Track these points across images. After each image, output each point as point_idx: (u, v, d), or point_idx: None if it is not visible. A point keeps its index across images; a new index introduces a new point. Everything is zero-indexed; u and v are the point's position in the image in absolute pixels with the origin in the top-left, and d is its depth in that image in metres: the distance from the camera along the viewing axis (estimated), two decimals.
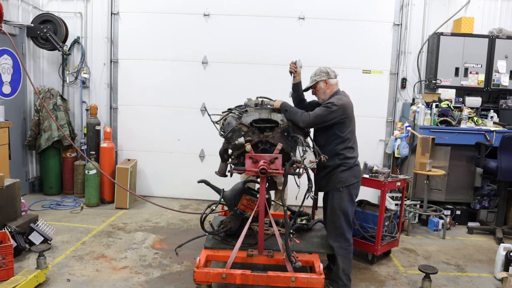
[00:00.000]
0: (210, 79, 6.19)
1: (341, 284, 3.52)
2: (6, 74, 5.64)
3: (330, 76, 3.58)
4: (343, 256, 3.52)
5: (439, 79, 5.84)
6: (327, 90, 3.58)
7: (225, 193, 3.89)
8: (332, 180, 3.51)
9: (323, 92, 3.60)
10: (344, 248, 3.53)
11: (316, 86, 3.63)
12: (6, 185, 4.21)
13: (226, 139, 3.56)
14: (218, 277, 3.29)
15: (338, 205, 3.50)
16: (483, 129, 5.42)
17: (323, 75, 3.59)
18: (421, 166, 5.14)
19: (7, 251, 3.55)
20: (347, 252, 3.54)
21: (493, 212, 5.61)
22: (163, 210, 5.49)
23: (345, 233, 3.52)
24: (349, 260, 3.55)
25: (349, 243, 3.55)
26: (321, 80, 3.58)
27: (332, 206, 3.54)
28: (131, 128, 6.39)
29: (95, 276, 3.80)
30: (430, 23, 6.12)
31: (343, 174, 3.47)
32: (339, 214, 3.50)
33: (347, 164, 3.47)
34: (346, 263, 3.52)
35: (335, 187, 3.50)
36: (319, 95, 3.65)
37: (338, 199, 3.50)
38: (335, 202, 3.52)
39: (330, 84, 3.58)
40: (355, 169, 3.53)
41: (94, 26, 6.27)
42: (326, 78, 3.57)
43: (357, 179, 3.55)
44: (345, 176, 3.47)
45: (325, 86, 3.58)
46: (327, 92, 3.59)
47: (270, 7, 6.07)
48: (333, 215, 3.54)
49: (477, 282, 4.04)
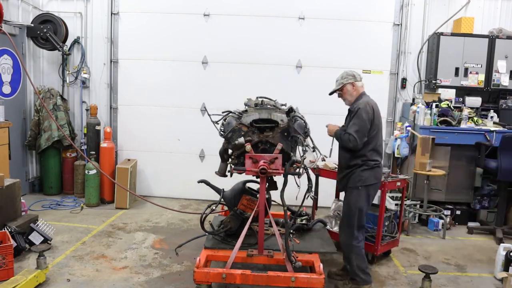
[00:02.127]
0: (210, 79, 6.19)
1: (359, 280, 3.59)
2: (6, 74, 5.64)
3: (356, 79, 3.62)
4: (356, 253, 3.59)
5: (439, 79, 5.84)
6: (354, 92, 3.62)
7: (225, 193, 3.89)
8: (352, 178, 3.56)
9: (349, 94, 3.63)
10: (355, 246, 3.59)
11: (343, 89, 3.65)
12: (6, 185, 4.21)
13: (226, 139, 3.56)
14: (218, 277, 3.29)
15: (354, 203, 3.55)
16: (483, 129, 5.42)
17: (350, 78, 3.62)
18: (421, 166, 5.14)
19: (7, 251, 3.55)
20: (359, 249, 3.60)
21: (493, 212, 5.61)
22: (163, 210, 5.48)
23: (355, 231, 3.57)
24: (362, 256, 3.61)
25: (359, 240, 3.61)
26: (348, 83, 3.61)
27: (349, 203, 3.60)
28: (131, 128, 6.39)
29: (95, 276, 3.80)
30: (430, 23, 6.12)
31: (364, 173, 3.51)
32: (354, 211, 3.55)
33: (369, 164, 3.51)
34: (359, 259, 3.58)
35: (354, 185, 3.55)
36: (346, 97, 3.67)
37: (356, 196, 3.55)
38: (353, 200, 3.57)
39: (357, 87, 3.62)
40: (376, 170, 3.56)
41: (94, 26, 6.27)
42: (353, 81, 3.61)
43: (377, 180, 3.59)
44: (366, 176, 3.51)
45: (352, 88, 3.62)
46: (354, 95, 3.63)
47: (270, 7, 6.07)
48: (349, 212, 3.60)
49: (477, 282, 4.04)
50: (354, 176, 3.55)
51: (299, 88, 6.00)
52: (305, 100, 5.75)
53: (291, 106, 3.69)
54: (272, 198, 3.97)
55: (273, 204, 4.01)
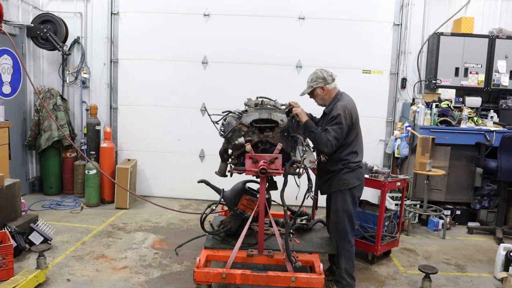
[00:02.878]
0: (210, 79, 6.19)
1: (345, 283, 3.54)
2: (6, 74, 5.64)
3: (327, 82, 3.51)
4: (346, 257, 3.55)
5: (439, 79, 5.84)
6: (325, 96, 3.56)
7: (225, 193, 3.89)
8: (335, 182, 3.51)
9: (320, 98, 3.59)
10: (347, 250, 3.55)
11: (314, 92, 3.59)
12: (6, 185, 4.21)
13: (226, 139, 3.56)
14: (218, 277, 3.29)
15: (341, 207, 3.51)
16: (483, 129, 5.42)
17: (319, 81, 3.52)
18: (421, 166, 5.14)
19: (7, 251, 3.55)
20: (350, 253, 3.56)
21: (493, 212, 5.61)
22: (163, 210, 5.49)
23: (348, 235, 3.54)
24: (352, 261, 3.57)
25: (351, 245, 3.57)
26: (317, 87, 3.54)
27: (336, 209, 3.54)
28: (131, 128, 6.39)
29: (95, 276, 3.80)
30: (430, 23, 6.11)
31: (346, 176, 3.47)
32: (343, 216, 3.51)
33: (350, 167, 3.47)
34: (349, 263, 3.55)
35: (338, 189, 3.50)
36: (317, 100, 3.63)
37: (342, 201, 3.50)
38: (339, 205, 3.52)
39: (328, 90, 3.53)
40: (357, 172, 3.52)
41: (94, 26, 6.27)
42: (323, 84, 3.51)
43: (360, 181, 3.54)
44: (348, 178, 3.47)
45: (322, 92, 3.55)
46: (325, 98, 3.57)
47: (270, 7, 6.07)
48: (337, 217, 3.54)
49: (477, 282, 4.04)
50: (337, 180, 3.49)
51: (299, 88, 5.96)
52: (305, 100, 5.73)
53: (291, 106, 3.68)
54: (272, 198, 3.97)
55: (273, 204, 4.01)
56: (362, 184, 3.59)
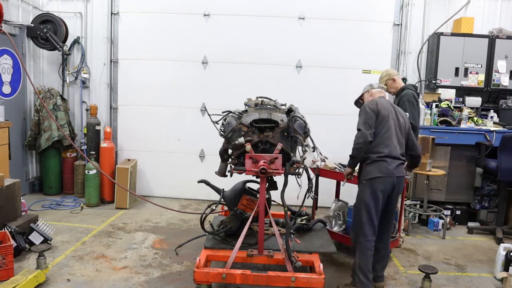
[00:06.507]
0: (210, 79, 6.19)
1: (357, 280, 3.50)
2: (6, 74, 5.64)
3: (373, 87, 3.89)
4: (360, 251, 3.52)
5: (439, 79, 5.84)
6: (370, 98, 3.80)
7: (225, 193, 3.89)
8: (360, 173, 3.65)
9: (367, 101, 3.78)
10: (361, 243, 3.51)
11: (363, 98, 3.92)
12: (6, 185, 4.21)
13: (226, 139, 3.56)
14: (218, 277, 3.29)
15: (360, 197, 3.57)
16: (483, 129, 5.43)
17: (367, 87, 3.93)
18: (421, 166, 5.12)
19: (7, 251, 3.55)
20: (364, 247, 3.50)
21: (493, 212, 5.61)
22: (163, 210, 5.49)
23: (364, 228, 3.50)
24: (366, 257, 3.49)
25: (367, 239, 3.50)
26: (365, 92, 3.91)
27: (357, 198, 3.63)
28: (131, 128, 6.39)
29: (95, 276, 3.80)
30: (430, 23, 6.11)
31: (367, 167, 3.54)
32: (359, 206, 3.55)
33: (370, 158, 3.51)
34: (362, 259, 3.49)
35: (360, 180, 3.62)
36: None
37: (361, 191, 3.58)
38: (358, 194, 3.61)
39: (373, 93, 3.84)
40: (379, 164, 3.48)
41: (94, 26, 6.27)
42: (369, 88, 3.88)
43: (382, 174, 3.46)
44: (368, 170, 3.52)
45: (368, 95, 3.86)
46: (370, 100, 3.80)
47: (270, 7, 6.06)
48: (355, 207, 3.63)
49: (477, 282, 4.04)
50: (361, 171, 3.64)
51: (299, 88, 6.01)
52: (305, 100, 5.74)
53: (291, 106, 3.68)
54: (272, 198, 3.97)
55: (273, 204, 4.01)
56: (386, 177, 3.47)
